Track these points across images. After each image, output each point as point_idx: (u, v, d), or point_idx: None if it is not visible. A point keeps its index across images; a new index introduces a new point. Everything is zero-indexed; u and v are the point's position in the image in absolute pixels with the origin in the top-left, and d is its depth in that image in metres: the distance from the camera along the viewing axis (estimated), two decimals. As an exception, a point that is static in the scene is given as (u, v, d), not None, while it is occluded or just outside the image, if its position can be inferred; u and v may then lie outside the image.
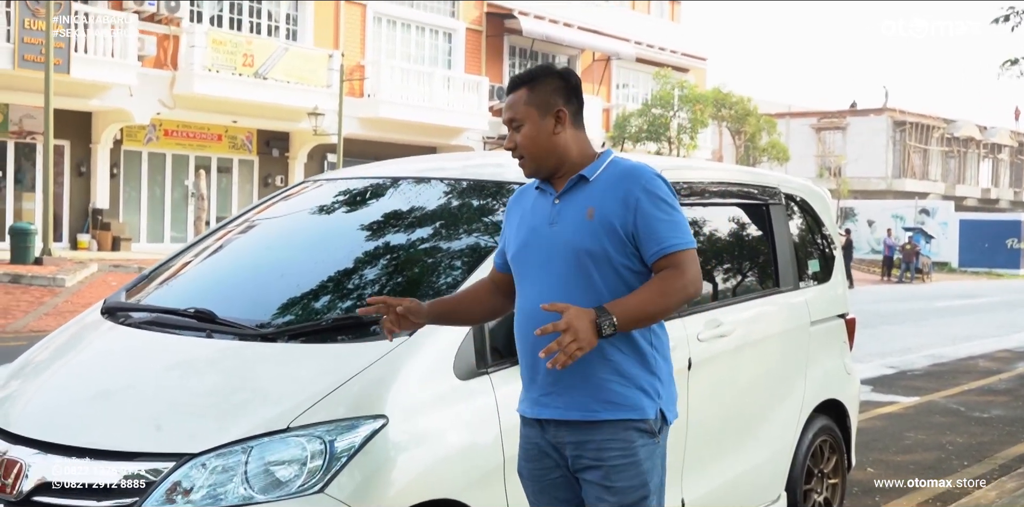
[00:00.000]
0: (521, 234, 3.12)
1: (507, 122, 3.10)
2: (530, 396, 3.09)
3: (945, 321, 20.40)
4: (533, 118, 3.07)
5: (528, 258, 3.08)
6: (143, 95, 24.20)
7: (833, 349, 5.64)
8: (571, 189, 3.07)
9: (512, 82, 3.15)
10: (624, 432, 2.98)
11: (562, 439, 3.04)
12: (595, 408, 2.97)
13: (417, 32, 31.83)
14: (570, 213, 3.03)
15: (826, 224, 5.93)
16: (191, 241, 4.81)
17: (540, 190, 3.15)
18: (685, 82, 36.00)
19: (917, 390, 11.19)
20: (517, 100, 3.09)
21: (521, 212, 3.18)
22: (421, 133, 30.35)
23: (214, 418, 3.24)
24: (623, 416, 2.97)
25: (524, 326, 3.05)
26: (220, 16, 26.79)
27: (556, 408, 3.01)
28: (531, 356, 3.04)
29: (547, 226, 3.06)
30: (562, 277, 2.99)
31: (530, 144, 3.08)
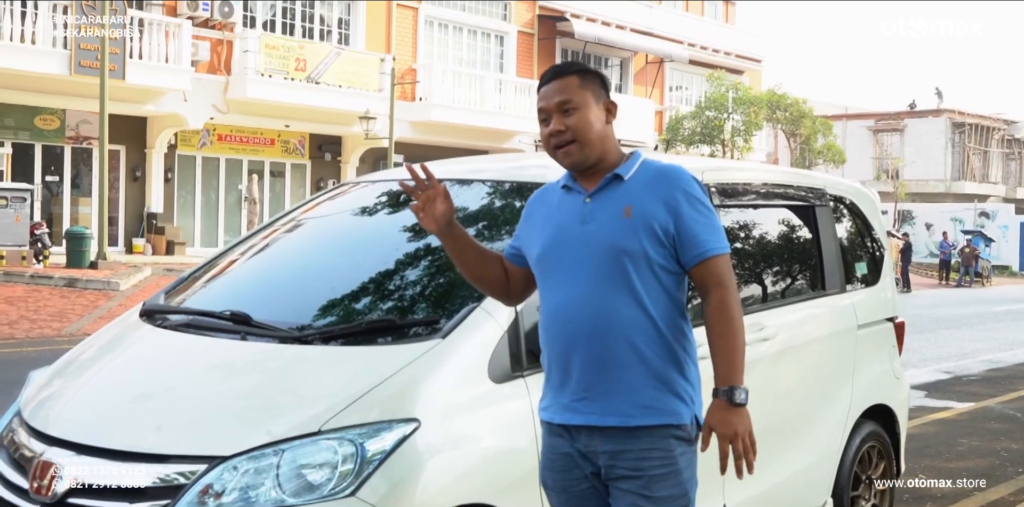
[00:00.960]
0: (547, 233, 3.03)
1: (557, 105, 2.98)
2: (559, 401, 2.98)
3: (1003, 326, 20.05)
4: (590, 103, 3.00)
5: (558, 257, 2.98)
6: (197, 100, 24.46)
7: (881, 353, 5.53)
8: (604, 187, 2.99)
9: (556, 70, 3.05)
10: (663, 440, 2.91)
11: (595, 448, 2.94)
12: (632, 413, 2.89)
13: (469, 35, 31.89)
14: (605, 212, 2.95)
15: (875, 226, 5.83)
16: (230, 244, 4.82)
17: (567, 189, 3.07)
18: (739, 84, 35.77)
19: (972, 395, 10.98)
20: (569, 84, 3.00)
21: (545, 211, 3.09)
22: (472, 136, 30.38)
23: (246, 421, 3.23)
24: (661, 422, 2.90)
25: (554, 327, 2.97)
26: (273, 21, 27.01)
27: (590, 414, 2.92)
28: (562, 359, 2.95)
29: (578, 225, 2.96)
30: (598, 276, 2.90)
31: (586, 128, 2.98)
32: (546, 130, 3.02)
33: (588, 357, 2.90)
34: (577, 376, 2.93)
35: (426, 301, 3.77)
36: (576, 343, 2.90)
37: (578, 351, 2.91)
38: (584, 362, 2.91)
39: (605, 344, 2.88)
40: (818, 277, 5.13)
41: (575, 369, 2.92)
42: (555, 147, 3.01)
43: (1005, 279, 42.68)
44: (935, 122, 57.80)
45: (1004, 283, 40.38)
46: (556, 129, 2.98)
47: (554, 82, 3.02)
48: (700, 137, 34.58)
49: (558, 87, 3.01)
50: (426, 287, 3.84)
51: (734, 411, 2.82)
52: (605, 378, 2.90)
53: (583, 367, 2.91)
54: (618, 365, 2.88)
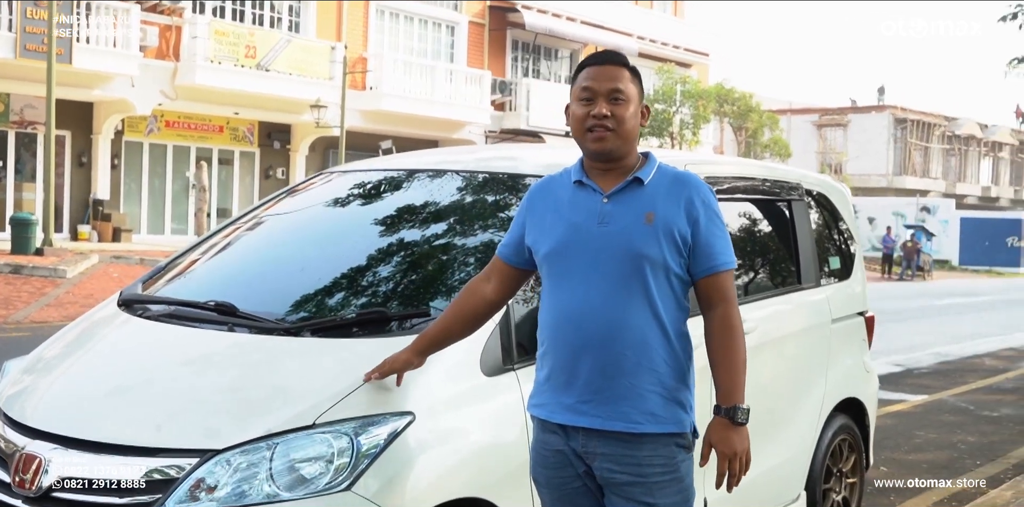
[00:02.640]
0: (559, 230, 2.97)
1: (609, 91, 2.93)
2: (562, 401, 2.95)
3: (948, 319, 20.36)
4: (635, 100, 2.99)
5: (571, 256, 2.93)
6: (145, 86, 24.13)
7: (853, 347, 5.57)
8: (623, 190, 2.96)
9: (610, 57, 3.00)
10: (665, 447, 2.91)
11: (593, 450, 2.93)
12: (638, 420, 2.88)
13: (420, 25, 31.74)
14: (626, 215, 2.91)
15: (846, 221, 5.86)
16: (204, 234, 4.74)
17: (580, 185, 3.01)
18: (688, 78, 35.94)
19: (925, 388, 11.14)
20: (622, 75, 2.97)
21: (554, 206, 3.02)
22: (423, 126, 30.26)
23: (238, 414, 3.17)
24: (666, 430, 2.91)
25: (564, 327, 2.92)
26: (222, 7, 26.69)
27: (595, 417, 2.90)
28: (570, 360, 2.92)
29: (595, 225, 2.92)
30: (615, 280, 2.88)
31: (628, 122, 2.95)
32: (588, 110, 2.94)
33: (599, 361, 2.88)
34: (586, 379, 2.90)
35: (415, 293, 3.72)
36: (588, 346, 2.88)
37: (589, 354, 2.89)
38: (594, 366, 2.89)
39: (617, 349, 2.87)
40: (794, 271, 5.15)
41: (584, 372, 2.90)
42: (589, 129, 2.94)
43: (946, 273, 43.35)
44: (878, 118, 58.51)
45: (945, 277, 41.01)
46: (602, 113, 2.92)
47: (608, 67, 2.98)
48: (649, 129, 34.67)
49: (612, 74, 2.97)
50: (415, 279, 3.80)
51: (735, 430, 2.88)
52: (614, 383, 2.88)
53: (593, 371, 2.89)
54: (628, 371, 2.87)
